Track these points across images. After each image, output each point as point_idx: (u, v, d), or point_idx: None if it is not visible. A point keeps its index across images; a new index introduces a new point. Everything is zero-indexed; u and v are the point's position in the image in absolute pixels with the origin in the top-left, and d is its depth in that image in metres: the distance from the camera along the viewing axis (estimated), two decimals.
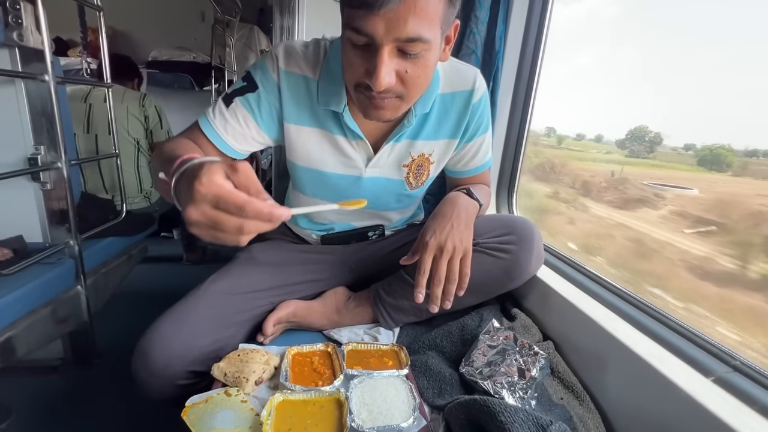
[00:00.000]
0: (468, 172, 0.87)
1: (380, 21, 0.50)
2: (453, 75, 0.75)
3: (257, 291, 0.79)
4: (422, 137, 0.76)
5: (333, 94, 0.70)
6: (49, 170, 1.17)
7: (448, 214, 0.70)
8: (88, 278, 1.28)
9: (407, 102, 0.61)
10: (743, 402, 0.47)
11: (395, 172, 0.80)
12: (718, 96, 0.86)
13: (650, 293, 0.82)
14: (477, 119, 0.78)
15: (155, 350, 0.65)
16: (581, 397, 0.63)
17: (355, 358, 0.71)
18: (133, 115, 1.77)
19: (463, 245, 0.67)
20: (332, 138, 0.74)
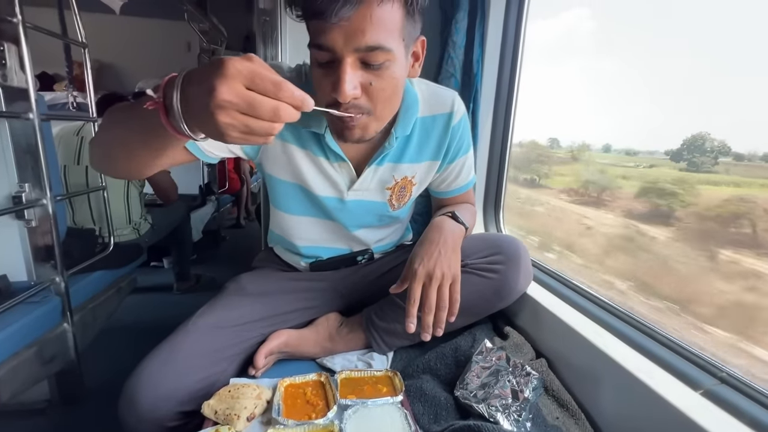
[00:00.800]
0: (452, 192, 0.89)
1: (338, 32, 0.52)
2: (432, 99, 0.77)
3: (247, 323, 0.78)
4: (405, 160, 0.78)
5: (313, 115, 0.70)
6: (33, 207, 1.16)
7: (435, 241, 0.70)
8: (75, 314, 1.25)
9: (377, 119, 0.61)
10: (732, 415, 0.47)
11: (378, 194, 0.80)
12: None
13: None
14: (458, 141, 0.80)
15: (142, 393, 0.63)
16: (576, 416, 0.63)
17: (349, 387, 0.70)
18: None
19: (452, 271, 0.67)
20: (315, 159, 0.75)
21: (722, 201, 0.83)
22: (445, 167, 0.83)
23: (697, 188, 0.88)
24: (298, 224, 0.86)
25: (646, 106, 1.00)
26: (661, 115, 0.96)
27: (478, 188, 1.18)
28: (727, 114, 0.82)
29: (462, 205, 0.88)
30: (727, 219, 0.81)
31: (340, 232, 0.86)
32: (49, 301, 1.18)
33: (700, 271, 0.84)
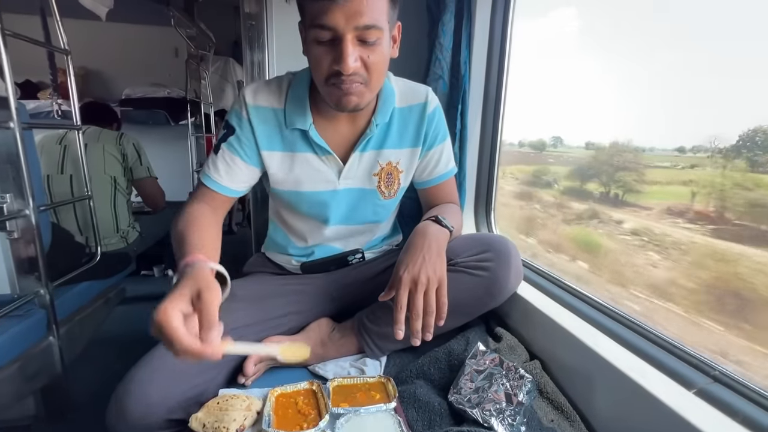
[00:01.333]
0: (434, 180, 0.91)
1: (340, 13, 0.60)
2: (407, 91, 0.84)
3: (238, 328, 0.77)
4: (387, 146, 0.83)
5: (299, 114, 0.77)
6: (16, 218, 1.13)
7: (419, 246, 0.71)
8: (61, 327, 1.22)
9: (371, 89, 0.70)
10: (725, 414, 0.47)
11: (367, 182, 0.84)
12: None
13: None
14: (434, 128, 0.85)
15: (131, 400, 0.62)
16: (571, 418, 0.63)
17: (342, 394, 0.69)
18: (110, 153, 1.74)
19: (437, 275, 0.67)
20: (303, 157, 0.80)
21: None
22: (425, 154, 0.87)
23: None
24: (300, 227, 0.89)
25: (648, 102, 0.97)
26: (662, 110, 0.94)
27: (469, 190, 1.17)
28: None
29: (446, 207, 0.90)
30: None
31: (340, 232, 0.89)
32: (33, 315, 1.15)
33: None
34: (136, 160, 1.83)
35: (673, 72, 0.88)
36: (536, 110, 1.28)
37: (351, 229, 0.90)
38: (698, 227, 0.81)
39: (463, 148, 1.08)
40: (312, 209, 0.85)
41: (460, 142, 1.08)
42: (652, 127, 0.95)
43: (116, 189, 1.76)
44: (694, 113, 0.84)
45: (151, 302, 1.25)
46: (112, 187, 1.74)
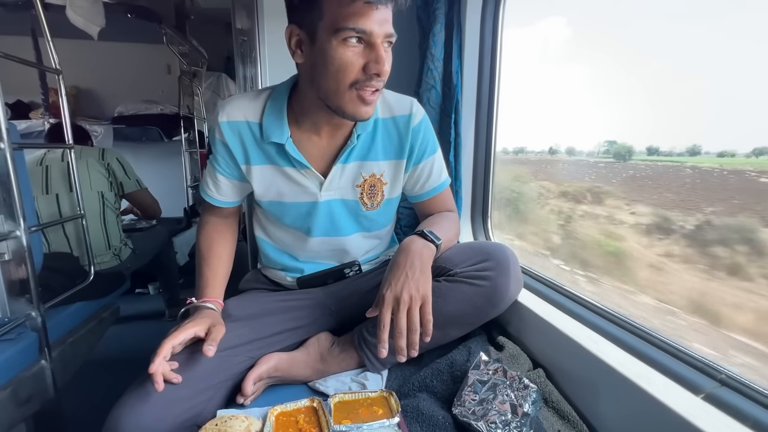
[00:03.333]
0: (427, 193, 0.90)
1: (376, 19, 0.63)
2: (392, 102, 0.83)
3: (234, 347, 0.75)
4: (371, 158, 0.82)
5: (276, 128, 0.77)
6: (6, 240, 1.11)
7: (401, 264, 0.70)
8: (53, 350, 1.19)
9: (381, 92, 0.72)
10: (734, 418, 0.46)
11: (350, 192, 0.84)
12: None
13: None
14: (421, 141, 0.84)
15: (124, 426, 0.61)
16: (578, 427, 0.61)
17: (343, 411, 0.67)
18: (95, 170, 1.73)
19: (420, 293, 0.67)
20: (282, 170, 0.81)
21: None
22: (413, 168, 0.86)
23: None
24: (285, 239, 0.90)
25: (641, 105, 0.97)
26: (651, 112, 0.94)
27: (465, 198, 1.17)
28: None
29: (440, 216, 0.89)
30: None
31: (325, 244, 0.88)
32: (24, 338, 1.12)
33: None
34: (123, 175, 1.82)
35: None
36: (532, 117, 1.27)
37: (337, 241, 0.88)
38: None
39: (458, 156, 1.08)
40: (295, 221, 0.86)
41: (455, 150, 1.08)
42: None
43: (105, 205, 1.74)
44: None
45: (147, 321, 1.26)
46: (101, 203, 1.72)
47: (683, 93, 0.84)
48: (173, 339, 0.66)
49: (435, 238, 0.76)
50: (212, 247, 0.86)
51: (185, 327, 0.69)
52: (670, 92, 0.87)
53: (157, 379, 0.61)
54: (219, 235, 0.88)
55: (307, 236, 0.86)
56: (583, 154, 1.11)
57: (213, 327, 0.70)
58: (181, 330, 0.68)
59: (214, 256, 0.85)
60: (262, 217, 0.91)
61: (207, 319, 0.72)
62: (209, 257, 0.85)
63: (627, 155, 0.97)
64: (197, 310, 0.76)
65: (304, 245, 0.88)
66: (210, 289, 0.81)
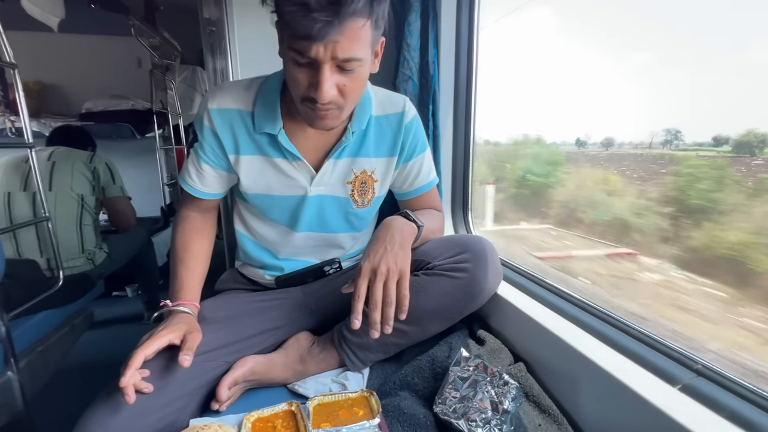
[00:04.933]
0: (415, 191, 0.90)
1: (321, 47, 0.58)
2: (385, 100, 0.82)
3: (209, 352, 0.73)
4: (363, 155, 0.81)
5: (268, 119, 0.75)
6: None
7: (381, 238, 0.70)
8: (20, 360, 1.13)
9: (346, 111, 0.69)
10: (710, 409, 0.46)
11: (340, 189, 0.83)
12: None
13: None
14: (412, 139, 0.84)
15: (107, 417, 0.59)
16: (559, 421, 0.61)
17: (323, 414, 0.66)
18: (79, 172, 1.65)
19: (398, 267, 0.66)
20: (273, 162, 0.79)
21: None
22: (403, 165, 0.86)
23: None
24: (268, 235, 0.87)
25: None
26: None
27: (444, 191, 1.16)
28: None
29: (423, 210, 0.89)
30: None
31: (310, 240, 0.87)
32: None
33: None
34: (108, 180, 1.75)
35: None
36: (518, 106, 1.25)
37: (322, 237, 0.87)
38: None
39: (436, 148, 1.06)
40: (282, 215, 0.84)
41: (433, 142, 1.06)
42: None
43: (83, 208, 1.67)
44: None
45: (125, 324, 1.20)
46: (79, 205, 1.65)
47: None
48: (145, 348, 0.62)
49: (417, 220, 0.76)
50: (189, 245, 0.81)
51: (159, 335, 0.64)
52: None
53: (128, 391, 0.57)
54: (196, 233, 0.83)
55: (292, 231, 0.85)
56: (627, 146, 0.99)
57: (189, 334, 0.66)
58: (155, 338, 0.64)
59: (190, 256, 0.81)
60: (245, 211, 0.88)
61: (182, 325, 0.68)
62: (185, 257, 0.80)
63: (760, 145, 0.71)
64: (172, 314, 0.71)
65: (287, 240, 0.86)
66: (186, 291, 0.76)
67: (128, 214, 1.91)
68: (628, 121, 1.00)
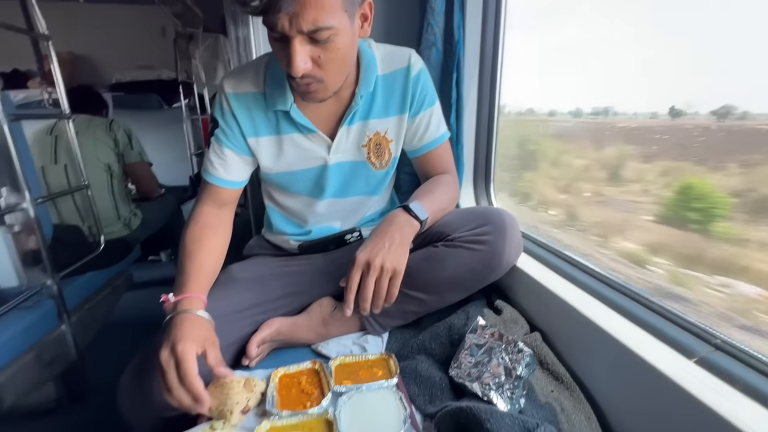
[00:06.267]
0: (426, 146, 0.87)
1: (284, 19, 0.57)
2: (390, 57, 0.81)
3: (239, 311, 0.78)
4: (373, 116, 0.81)
5: (279, 95, 0.76)
6: (13, 212, 1.13)
7: (381, 232, 0.69)
8: (71, 316, 1.25)
9: (331, 84, 0.68)
10: (725, 382, 0.46)
11: (357, 154, 0.83)
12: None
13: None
14: (420, 91, 0.82)
15: (139, 383, 0.65)
16: (571, 388, 0.63)
17: (344, 373, 0.70)
18: (101, 141, 1.72)
19: (394, 265, 0.65)
20: (289, 138, 0.80)
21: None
22: (412, 119, 0.84)
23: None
24: (293, 206, 0.90)
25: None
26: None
27: (467, 162, 1.14)
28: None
29: (435, 183, 0.86)
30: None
31: (333, 206, 0.89)
32: (43, 305, 1.17)
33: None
34: (126, 145, 1.81)
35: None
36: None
37: (345, 202, 0.89)
38: None
39: (459, 118, 1.03)
40: (305, 187, 0.85)
41: (456, 112, 1.04)
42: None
43: (112, 176, 1.75)
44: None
45: (161, 287, 1.25)
46: (108, 174, 1.74)
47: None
48: (192, 382, 0.56)
49: (420, 216, 0.73)
50: (200, 240, 0.76)
51: (186, 359, 0.57)
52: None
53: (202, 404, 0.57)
54: (210, 228, 0.78)
55: (316, 200, 0.87)
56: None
57: (208, 346, 0.61)
58: (186, 364, 0.56)
59: (200, 249, 0.74)
60: (269, 187, 0.91)
61: (198, 339, 0.60)
62: (194, 250, 0.74)
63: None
64: (178, 321, 0.62)
65: (311, 209, 0.89)
66: (192, 282, 0.69)
67: (149, 179, 1.97)
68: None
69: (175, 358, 0.56)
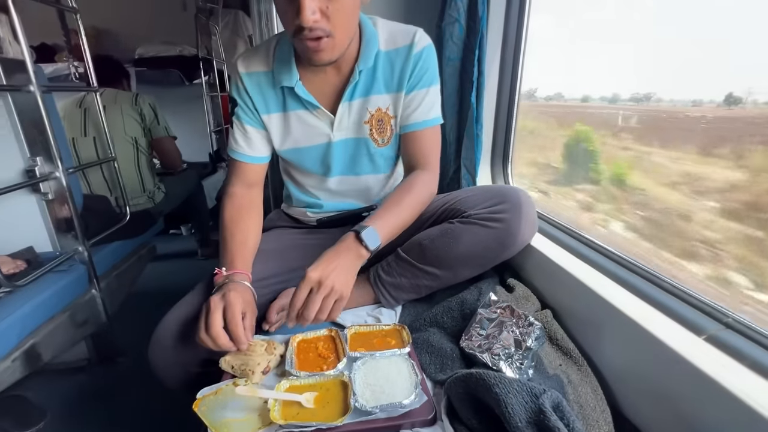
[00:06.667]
0: (411, 126, 0.83)
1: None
2: (396, 33, 0.81)
3: (261, 280, 0.81)
4: (374, 92, 0.82)
5: (285, 72, 0.79)
6: (47, 180, 1.19)
7: (335, 255, 0.68)
8: (100, 282, 1.32)
9: (339, 40, 0.69)
10: (734, 358, 0.47)
11: (359, 131, 0.85)
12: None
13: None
14: (418, 69, 0.81)
15: (169, 339, 0.70)
16: (579, 363, 0.64)
17: (359, 341, 0.73)
18: (128, 115, 1.77)
19: (341, 288, 0.65)
20: (295, 115, 0.83)
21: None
22: (406, 95, 0.82)
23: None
24: (307, 182, 0.93)
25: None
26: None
27: (486, 140, 1.13)
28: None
29: (402, 192, 0.79)
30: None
31: (344, 184, 0.91)
32: (75, 270, 1.24)
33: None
34: (153, 120, 1.86)
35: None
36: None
37: (353, 180, 0.91)
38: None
39: (480, 96, 1.03)
40: (314, 164, 0.88)
41: (477, 91, 1.03)
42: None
43: (138, 150, 1.80)
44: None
45: (181, 259, 1.29)
46: (134, 148, 1.79)
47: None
48: (237, 327, 0.63)
49: (371, 243, 0.70)
50: (238, 221, 0.81)
51: (232, 308, 0.64)
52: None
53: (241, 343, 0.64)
54: (245, 209, 0.83)
55: (325, 177, 0.89)
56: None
57: (248, 312, 0.67)
58: (233, 315, 0.64)
59: (240, 230, 0.81)
60: (285, 164, 0.94)
61: (239, 298, 0.66)
62: (235, 230, 0.80)
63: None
64: (231, 285, 0.69)
65: (324, 186, 0.91)
66: (239, 260, 0.75)
67: (174, 153, 2.03)
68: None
69: (225, 302, 0.64)
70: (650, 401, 0.55)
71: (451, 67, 1.05)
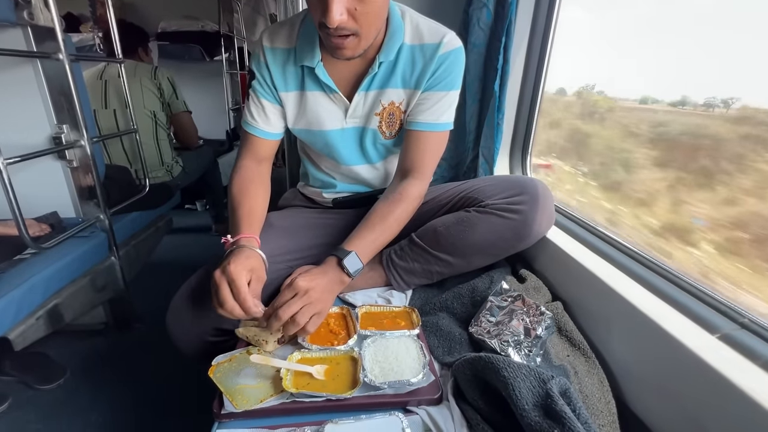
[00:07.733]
0: (416, 125, 0.81)
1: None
2: (425, 30, 0.78)
3: (275, 256, 0.83)
4: (391, 86, 0.80)
5: (308, 51, 0.77)
6: (73, 148, 1.22)
7: (323, 272, 0.70)
8: (120, 249, 1.36)
9: (364, 39, 0.67)
10: (747, 358, 0.47)
11: (370, 121, 0.84)
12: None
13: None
14: (441, 71, 0.78)
15: (186, 308, 0.73)
16: (587, 355, 0.65)
17: (369, 320, 0.74)
18: (147, 89, 1.79)
19: (321, 307, 0.66)
20: (312, 95, 0.82)
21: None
22: (423, 93, 0.80)
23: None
24: (323, 163, 0.93)
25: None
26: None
27: (506, 130, 1.12)
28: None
29: (386, 210, 0.79)
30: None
31: (355, 171, 0.91)
32: (96, 237, 1.28)
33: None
34: (171, 94, 1.87)
35: None
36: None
37: (363, 168, 0.91)
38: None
39: (503, 84, 1.01)
40: (325, 148, 0.88)
41: (501, 79, 1.01)
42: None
43: (157, 123, 1.83)
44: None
45: (196, 233, 1.32)
46: (153, 121, 1.81)
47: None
48: (245, 298, 0.62)
49: (352, 267, 0.72)
50: (246, 191, 0.81)
51: (237, 278, 0.62)
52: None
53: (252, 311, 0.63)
54: (252, 182, 0.83)
55: (338, 163, 0.90)
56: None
57: (254, 279, 0.66)
58: (238, 284, 0.62)
59: (247, 198, 0.80)
60: (302, 142, 0.95)
61: (248, 267, 0.66)
62: (242, 199, 0.80)
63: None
64: (237, 251, 0.68)
65: (337, 169, 0.92)
66: (246, 225, 0.75)
67: (190, 127, 2.06)
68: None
69: (227, 277, 0.62)
70: (658, 396, 0.55)
71: (476, 53, 1.04)
